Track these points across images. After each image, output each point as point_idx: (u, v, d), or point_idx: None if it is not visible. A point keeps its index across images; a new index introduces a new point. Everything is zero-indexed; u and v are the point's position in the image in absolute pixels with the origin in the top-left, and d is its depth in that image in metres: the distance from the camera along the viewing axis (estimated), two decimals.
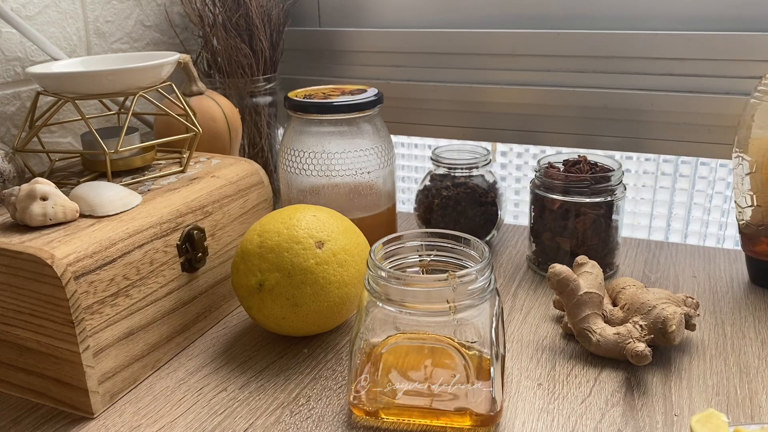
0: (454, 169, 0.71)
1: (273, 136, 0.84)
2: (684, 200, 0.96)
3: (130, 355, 0.50)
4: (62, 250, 0.45)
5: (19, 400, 0.49)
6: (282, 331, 0.54)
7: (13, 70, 0.65)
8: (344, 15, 0.90)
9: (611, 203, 0.62)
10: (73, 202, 0.50)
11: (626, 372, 0.50)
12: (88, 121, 0.56)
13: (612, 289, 0.57)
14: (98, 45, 0.74)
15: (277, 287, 0.51)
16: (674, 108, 0.74)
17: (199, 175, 0.60)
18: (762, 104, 0.58)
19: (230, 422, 0.46)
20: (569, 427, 0.45)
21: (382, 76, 0.88)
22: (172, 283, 0.53)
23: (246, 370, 0.52)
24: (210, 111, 0.72)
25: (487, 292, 0.43)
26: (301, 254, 0.51)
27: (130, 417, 0.47)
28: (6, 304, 0.47)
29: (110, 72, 0.56)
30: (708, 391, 0.48)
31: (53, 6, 0.68)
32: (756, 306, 0.59)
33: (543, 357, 0.53)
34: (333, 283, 0.51)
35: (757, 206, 0.60)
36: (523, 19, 0.80)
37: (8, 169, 0.56)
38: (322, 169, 0.65)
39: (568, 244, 0.63)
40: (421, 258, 0.48)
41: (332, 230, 0.53)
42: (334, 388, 0.49)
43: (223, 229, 0.58)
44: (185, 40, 0.85)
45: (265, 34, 0.80)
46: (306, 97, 0.66)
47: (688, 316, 0.52)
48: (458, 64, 0.83)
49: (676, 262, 0.68)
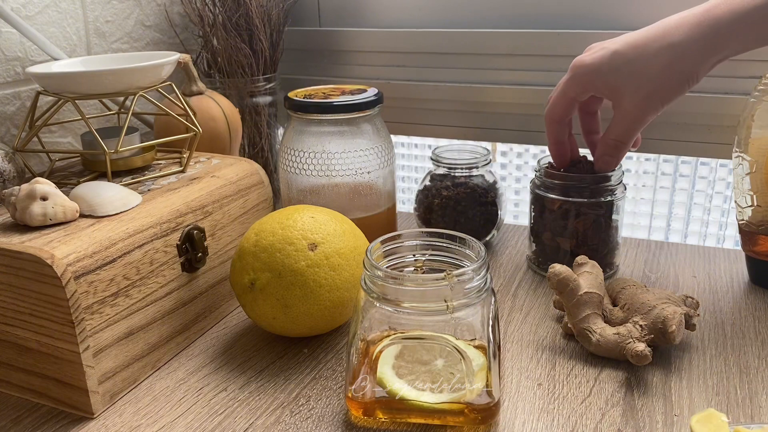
0: (454, 169, 0.71)
1: (273, 136, 0.84)
2: (684, 200, 0.96)
3: (130, 355, 0.50)
4: (62, 250, 0.45)
5: (19, 400, 0.49)
6: (275, 331, 0.54)
7: (13, 70, 0.65)
8: (344, 15, 0.90)
9: (611, 203, 0.62)
10: (73, 202, 0.50)
11: (626, 372, 0.50)
12: (88, 121, 0.56)
13: (612, 289, 0.57)
14: (98, 45, 0.74)
15: (267, 287, 0.51)
16: (674, 108, 0.73)
17: (199, 175, 0.60)
18: (762, 104, 0.58)
19: (230, 422, 0.46)
20: (569, 427, 0.45)
21: (382, 76, 0.88)
22: (172, 283, 0.53)
23: (246, 370, 0.52)
24: (210, 111, 0.72)
25: (484, 291, 0.43)
26: (292, 255, 0.51)
27: (130, 417, 0.47)
28: (6, 304, 0.47)
29: (110, 72, 0.56)
30: (708, 391, 0.48)
31: (53, 6, 0.68)
32: (756, 306, 0.59)
33: (543, 357, 0.53)
34: (323, 287, 0.51)
35: (757, 206, 0.60)
36: (523, 19, 0.80)
37: (8, 169, 0.56)
38: (322, 169, 0.65)
39: (568, 244, 0.63)
40: (416, 258, 0.48)
41: (328, 233, 0.52)
42: (334, 388, 0.49)
43: (223, 229, 0.58)
44: (185, 40, 0.85)
45: (265, 34, 0.80)
46: (306, 97, 0.66)
47: (688, 316, 0.52)
48: (458, 64, 0.83)
49: (676, 262, 0.68)
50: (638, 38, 0.53)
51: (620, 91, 0.53)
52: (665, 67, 0.51)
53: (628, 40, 0.53)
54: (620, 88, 0.53)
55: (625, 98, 0.53)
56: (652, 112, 0.54)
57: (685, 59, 0.51)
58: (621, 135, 0.56)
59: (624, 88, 0.53)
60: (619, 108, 0.55)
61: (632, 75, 0.52)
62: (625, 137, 0.56)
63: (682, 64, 0.51)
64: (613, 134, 0.56)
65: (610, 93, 0.54)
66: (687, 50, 0.50)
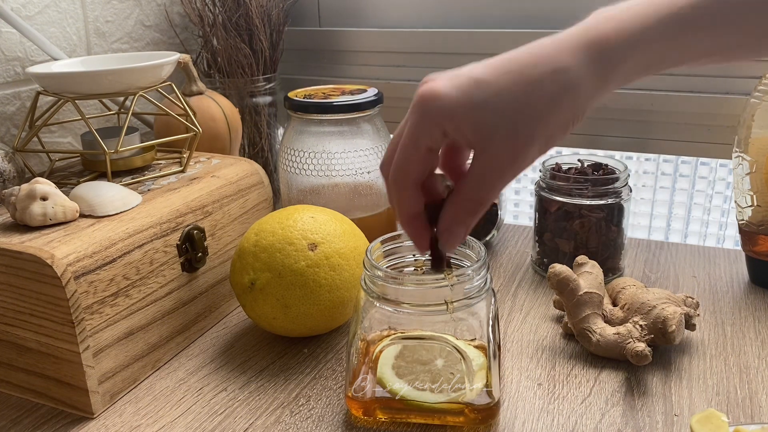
0: None
1: (273, 136, 0.84)
2: (684, 200, 0.96)
3: (130, 355, 0.50)
4: (62, 250, 0.45)
5: (19, 400, 0.49)
6: (275, 331, 0.54)
7: (13, 70, 0.65)
8: (344, 15, 0.90)
9: (612, 206, 0.62)
10: (73, 202, 0.50)
11: (626, 372, 0.50)
12: (88, 121, 0.56)
13: (612, 289, 0.57)
14: (98, 45, 0.74)
15: (267, 287, 0.51)
16: (674, 108, 0.74)
17: (199, 175, 0.60)
18: (762, 104, 0.58)
19: (230, 422, 0.46)
20: (569, 427, 0.45)
21: (382, 76, 0.88)
22: (172, 283, 0.53)
23: (246, 370, 0.52)
24: (210, 111, 0.72)
25: (484, 291, 0.43)
26: (292, 255, 0.51)
27: (130, 417, 0.47)
28: (6, 304, 0.47)
29: (110, 72, 0.56)
30: (708, 391, 0.48)
31: (53, 6, 0.68)
32: (756, 306, 0.59)
33: (543, 357, 0.53)
34: (324, 287, 0.51)
35: (757, 206, 0.60)
36: (523, 19, 0.80)
37: (8, 169, 0.56)
38: (322, 169, 0.65)
39: (571, 246, 0.63)
40: (416, 257, 0.48)
41: (328, 233, 0.52)
42: (334, 388, 0.49)
43: (223, 229, 0.58)
44: (185, 40, 0.85)
45: (265, 34, 0.80)
46: (306, 97, 0.66)
47: (688, 316, 0.52)
48: (458, 64, 0.82)
49: (676, 262, 0.68)
50: (507, 63, 0.37)
51: (489, 133, 0.36)
52: (553, 101, 0.36)
53: (493, 64, 0.38)
54: (490, 129, 0.36)
55: (495, 143, 0.36)
56: (529, 162, 0.38)
57: (580, 91, 0.36)
58: (483, 194, 0.38)
59: (495, 129, 0.36)
60: (484, 155, 0.37)
61: (507, 111, 0.36)
62: (489, 196, 0.38)
63: (576, 99, 0.36)
64: (472, 192, 0.38)
65: (474, 136, 0.37)
66: (580, 78, 0.36)
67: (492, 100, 0.36)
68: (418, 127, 0.37)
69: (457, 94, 0.36)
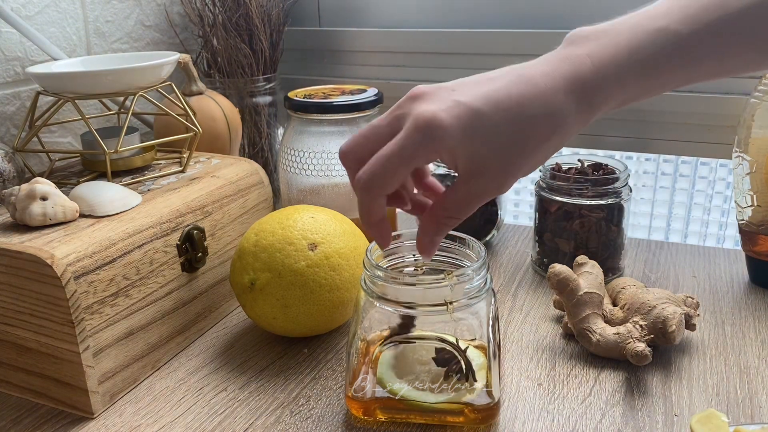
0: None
1: (273, 136, 0.84)
2: (684, 200, 0.96)
3: (130, 355, 0.50)
4: (62, 250, 0.45)
5: (19, 400, 0.49)
6: (275, 331, 0.54)
7: (13, 70, 0.65)
8: (344, 15, 0.90)
9: (612, 206, 0.62)
10: (73, 202, 0.50)
11: (626, 372, 0.50)
12: (88, 121, 0.56)
13: (612, 289, 0.57)
14: (98, 45, 0.74)
15: (267, 287, 0.51)
16: (674, 108, 0.74)
17: (199, 175, 0.60)
18: (762, 104, 0.58)
19: (230, 422, 0.46)
20: (569, 427, 0.45)
21: (382, 76, 0.88)
22: (172, 283, 0.53)
23: (246, 370, 0.52)
24: (210, 111, 0.72)
25: (484, 291, 0.43)
26: (292, 255, 0.51)
27: (130, 417, 0.47)
28: (6, 304, 0.47)
29: (110, 72, 0.56)
30: (708, 391, 0.48)
31: (53, 6, 0.68)
32: (756, 306, 0.59)
33: (543, 357, 0.53)
34: (324, 287, 0.51)
35: (757, 206, 0.60)
36: (523, 19, 0.80)
37: (8, 169, 0.56)
38: (322, 169, 0.65)
39: (571, 246, 0.63)
40: (416, 258, 0.48)
41: (328, 233, 0.52)
42: (334, 388, 0.49)
43: (223, 229, 0.58)
44: (185, 40, 0.85)
45: (265, 34, 0.80)
46: (306, 97, 0.66)
47: (688, 316, 0.52)
48: (458, 64, 0.83)
49: (676, 262, 0.68)
50: (505, 99, 0.38)
51: (481, 164, 0.38)
52: (546, 140, 0.38)
53: (490, 96, 0.38)
54: (483, 161, 0.38)
55: (485, 173, 0.38)
56: (510, 186, 0.40)
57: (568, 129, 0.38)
58: (464, 213, 0.40)
59: (488, 161, 0.38)
60: (472, 181, 0.39)
61: (503, 148, 0.38)
62: (468, 215, 0.40)
63: (563, 136, 0.38)
64: (453, 210, 0.40)
65: (467, 165, 0.38)
66: (569, 117, 0.38)
67: (489, 136, 0.37)
68: (417, 149, 0.38)
69: (457, 125, 0.37)
